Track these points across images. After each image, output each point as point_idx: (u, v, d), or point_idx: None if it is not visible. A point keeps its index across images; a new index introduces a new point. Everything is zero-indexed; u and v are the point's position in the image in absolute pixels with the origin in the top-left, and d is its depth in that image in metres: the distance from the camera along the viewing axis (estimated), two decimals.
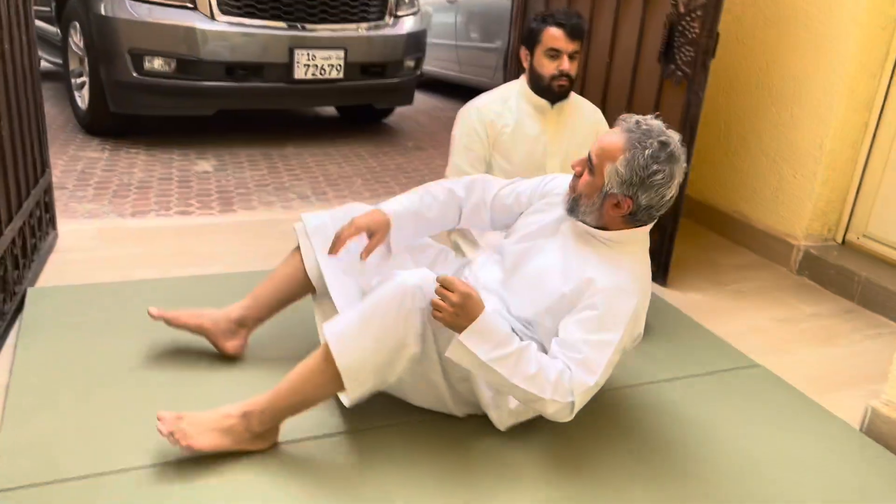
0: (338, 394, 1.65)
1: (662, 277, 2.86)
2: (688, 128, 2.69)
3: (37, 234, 2.52)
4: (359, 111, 5.47)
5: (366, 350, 1.56)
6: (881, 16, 2.84)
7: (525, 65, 2.41)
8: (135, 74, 4.04)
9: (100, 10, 4.03)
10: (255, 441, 1.66)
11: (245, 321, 2.03)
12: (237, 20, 4.16)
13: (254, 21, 4.20)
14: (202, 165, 4.06)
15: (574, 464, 1.73)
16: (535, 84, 2.39)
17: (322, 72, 4.40)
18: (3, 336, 2.07)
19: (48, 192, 2.72)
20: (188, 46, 4.06)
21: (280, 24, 4.27)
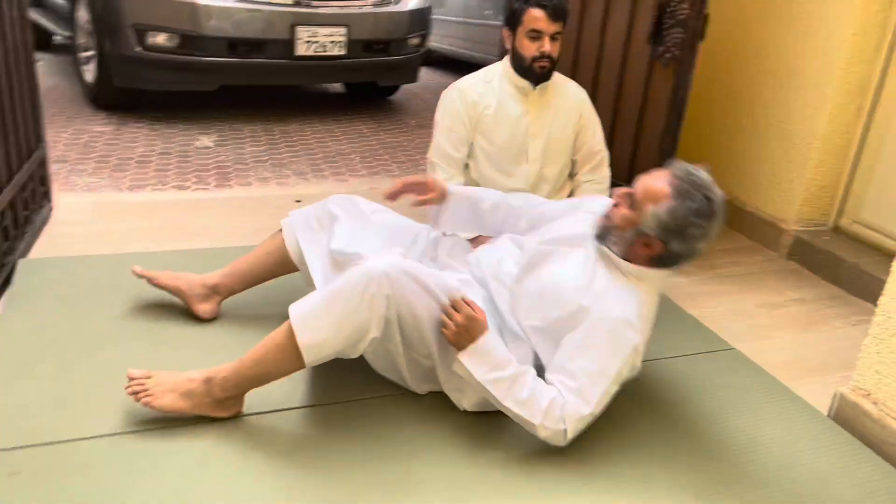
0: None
1: None
2: (675, 110, 2.69)
3: (30, 207, 2.59)
4: (365, 88, 5.48)
5: (327, 331, 1.60)
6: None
7: (507, 45, 2.41)
8: (138, 49, 4.09)
9: None
10: (217, 408, 1.71)
11: (219, 289, 2.14)
12: None
13: None
14: (203, 141, 4.11)
15: (535, 445, 1.76)
16: (517, 65, 2.39)
17: (324, 48, 4.41)
18: None
19: (43, 166, 2.78)
20: (191, 22, 4.09)
21: (282, 1, 4.28)
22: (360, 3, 4.55)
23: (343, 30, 4.43)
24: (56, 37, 5.84)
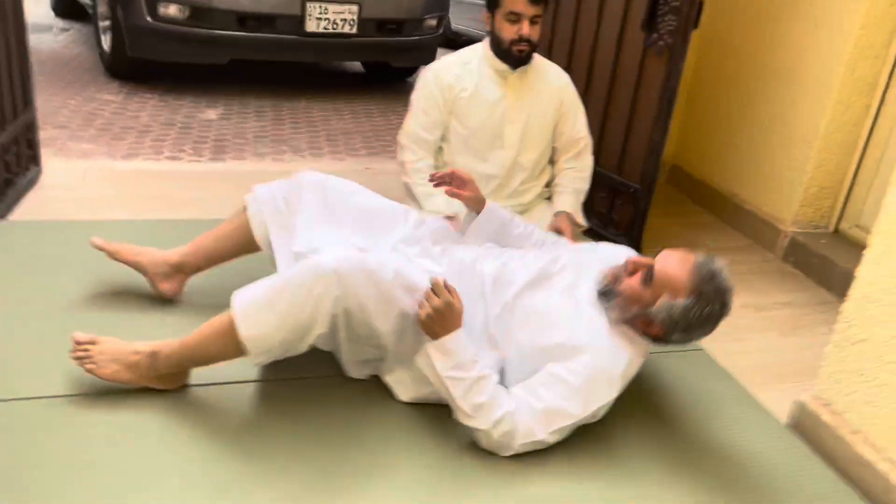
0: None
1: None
2: (666, 99, 2.60)
3: (13, 170, 2.62)
4: (381, 69, 5.44)
5: (270, 325, 1.57)
6: None
7: (487, 27, 2.35)
8: (149, 19, 4.12)
9: None
10: (160, 381, 1.70)
11: (182, 267, 2.07)
12: None
13: None
14: (208, 114, 4.13)
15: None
16: (496, 48, 2.33)
17: (334, 26, 4.38)
18: None
19: (31, 129, 2.81)
20: None
21: None
22: None
23: (355, 7, 4.39)
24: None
